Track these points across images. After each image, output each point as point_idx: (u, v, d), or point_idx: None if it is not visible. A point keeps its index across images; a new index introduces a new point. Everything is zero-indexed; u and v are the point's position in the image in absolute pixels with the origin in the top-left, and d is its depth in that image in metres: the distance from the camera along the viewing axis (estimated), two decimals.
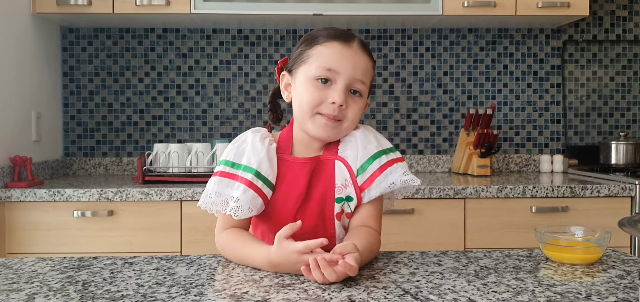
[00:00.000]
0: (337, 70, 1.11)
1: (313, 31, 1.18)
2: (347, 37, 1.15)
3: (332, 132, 1.14)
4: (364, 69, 1.14)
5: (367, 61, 1.15)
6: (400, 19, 2.60)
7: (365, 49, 1.16)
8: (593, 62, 2.91)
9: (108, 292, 0.89)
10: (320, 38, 1.15)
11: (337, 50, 1.12)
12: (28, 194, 2.12)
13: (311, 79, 1.13)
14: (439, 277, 0.96)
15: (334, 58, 1.12)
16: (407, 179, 1.16)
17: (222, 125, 2.82)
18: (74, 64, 2.79)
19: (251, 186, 1.12)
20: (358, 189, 1.16)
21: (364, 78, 1.14)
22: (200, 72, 2.81)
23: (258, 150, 1.14)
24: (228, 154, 1.17)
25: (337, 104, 1.11)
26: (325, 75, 1.12)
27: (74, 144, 2.81)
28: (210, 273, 1.00)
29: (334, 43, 1.13)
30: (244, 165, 1.14)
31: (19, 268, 1.03)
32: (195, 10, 2.40)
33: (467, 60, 2.86)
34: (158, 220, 2.15)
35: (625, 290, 0.89)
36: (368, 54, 1.16)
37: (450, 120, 2.87)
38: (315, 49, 1.14)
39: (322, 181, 1.16)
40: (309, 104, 1.13)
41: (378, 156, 1.17)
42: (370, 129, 1.22)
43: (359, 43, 1.15)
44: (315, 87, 1.12)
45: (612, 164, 2.68)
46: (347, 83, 1.12)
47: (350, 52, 1.13)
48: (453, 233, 2.21)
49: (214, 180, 1.16)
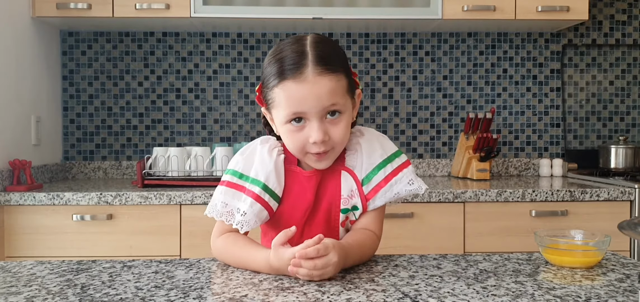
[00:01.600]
0: (303, 111, 1.05)
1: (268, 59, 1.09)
2: (298, 66, 1.03)
3: (327, 162, 1.12)
4: (330, 92, 1.04)
5: (328, 82, 1.04)
6: (400, 23, 2.60)
7: (323, 67, 1.04)
8: (592, 66, 2.91)
9: (107, 295, 0.88)
10: (272, 80, 1.06)
11: (293, 91, 1.03)
12: (27, 197, 2.11)
13: (285, 124, 1.08)
14: (438, 281, 0.96)
15: (294, 102, 1.04)
16: (412, 188, 1.16)
17: (221, 129, 2.82)
18: (74, 68, 2.79)
19: (258, 199, 1.11)
20: (364, 198, 1.16)
21: (334, 99, 1.05)
22: (199, 75, 2.82)
23: (266, 163, 1.13)
24: (237, 164, 1.16)
25: (318, 141, 1.06)
26: (295, 117, 1.06)
27: (73, 147, 2.81)
28: (209, 276, 1.00)
29: (288, 83, 1.04)
30: (252, 177, 1.13)
31: (17, 272, 1.03)
32: (195, 14, 2.40)
33: (467, 64, 2.87)
34: (157, 224, 2.15)
35: (624, 293, 0.89)
36: (327, 72, 1.04)
37: (450, 124, 2.88)
38: (274, 93, 1.06)
39: (329, 192, 1.15)
40: (295, 149, 1.10)
41: (382, 165, 1.15)
42: (374, 134, 1.19)
43: (313, 66, 1.03)
44: (292, 131, 1.08)
45: (611, 168, 2.68)
46: (318, 117, 1.05)
47: (307, 87, 1.03)
48: (452, 237, 2.21)
49: (221, 190, 1.15)
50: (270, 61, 1.08)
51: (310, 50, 1.05)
